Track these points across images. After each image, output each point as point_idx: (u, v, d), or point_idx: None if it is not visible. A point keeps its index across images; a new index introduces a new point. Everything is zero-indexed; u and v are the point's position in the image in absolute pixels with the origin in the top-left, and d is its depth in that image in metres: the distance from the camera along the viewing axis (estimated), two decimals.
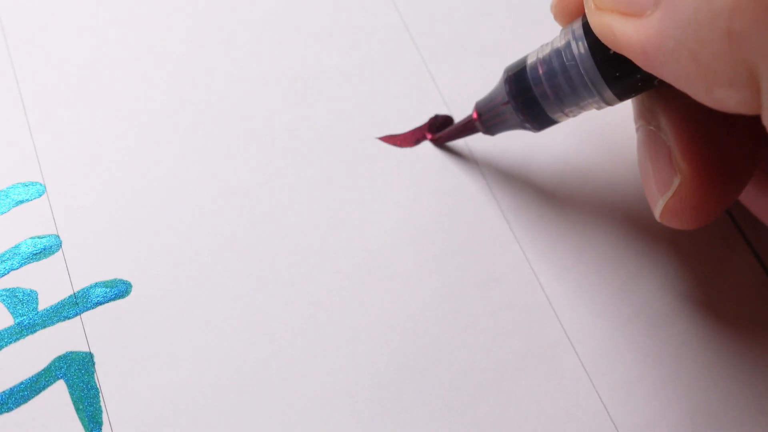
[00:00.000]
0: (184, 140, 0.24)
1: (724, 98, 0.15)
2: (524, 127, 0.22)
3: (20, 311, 0.21)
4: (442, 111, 0.25)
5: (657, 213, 0.20)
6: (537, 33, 0.26)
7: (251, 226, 0.23)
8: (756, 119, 0.15)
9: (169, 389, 0.20)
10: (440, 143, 0.24)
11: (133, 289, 0.22)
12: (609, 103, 0.19)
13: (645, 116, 0.20)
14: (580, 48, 0.19)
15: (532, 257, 0.23)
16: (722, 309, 0.23)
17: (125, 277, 0.22)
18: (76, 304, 0.21)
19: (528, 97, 0.21)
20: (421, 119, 0.25)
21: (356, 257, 0.23)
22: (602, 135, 0.25)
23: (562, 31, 0.20)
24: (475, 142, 0.25)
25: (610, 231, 0.24)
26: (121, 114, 0.24)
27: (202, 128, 0.24)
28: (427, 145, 0.25)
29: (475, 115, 0.23)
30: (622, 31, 0.17)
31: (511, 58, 0.24)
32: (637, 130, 0.21)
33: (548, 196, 0.24)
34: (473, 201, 0.24)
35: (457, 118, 0.25)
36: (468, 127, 0.23)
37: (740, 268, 0.24)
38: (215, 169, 0.23)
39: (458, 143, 0.24)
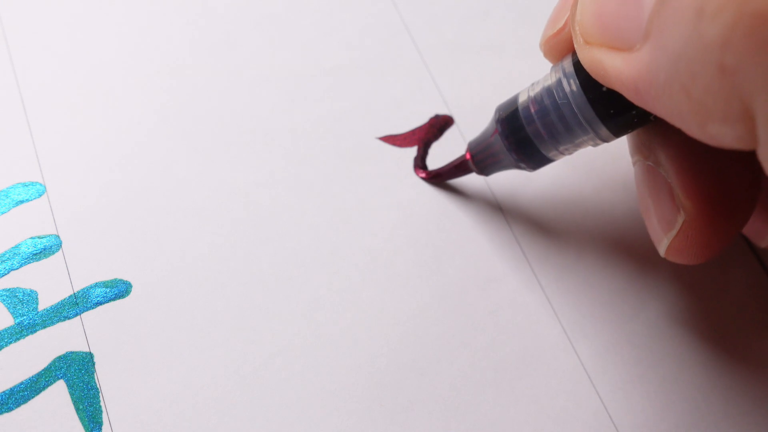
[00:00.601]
0: (184, 140, 0.24)
1: (718, 134, 0.14)
2: (519, 167, 0.21)
3: (20, 311, 0.21)
4: (442, 111, 0.25)
5: (661, 251, 0.20)
6: (537, 33, 0.26)
7: (251, 226, 0.23)
8: (753, 153, 0.14)
9: (169, 389, 0.20)
10: (433, 182, 0.24)
11: (133, 289, 0.22)
12: (605, 140, 0.19)
13: (642, 151, 0.20)
14: (571, 85, 0.18)
15: (532, 257, 0.23)
16: (722, 309, 0.23)
17: (125, 277, 0.22)
18: (76, 304, 0.21)
19: (521, 136, 0.20)
20: (421, 119, 0.25)
21: (356, 257, 0.23)
22: None
23: (552, 68, 0.19)
24: None
25: (610, 231, 0.24)
26: (121, 114, 0.24)
27: (202, 128, 0.24)
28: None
29: (468, 156, 0.22)
30: (612, 66, 0.16)
31: (511, 58, 0.24)
32: (634, 164, 0.21)
33: (548, 197, 0.24)
34: (473, 201, 0.24)
35: (457, 118, 0.25)
36: (461, 168, 0.23)
37: (740, 268, 0.24)
38: (215, 169, 0.23)
39: (458, 143, 0.24)
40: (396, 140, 0.24)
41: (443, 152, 0.24)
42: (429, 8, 0.27)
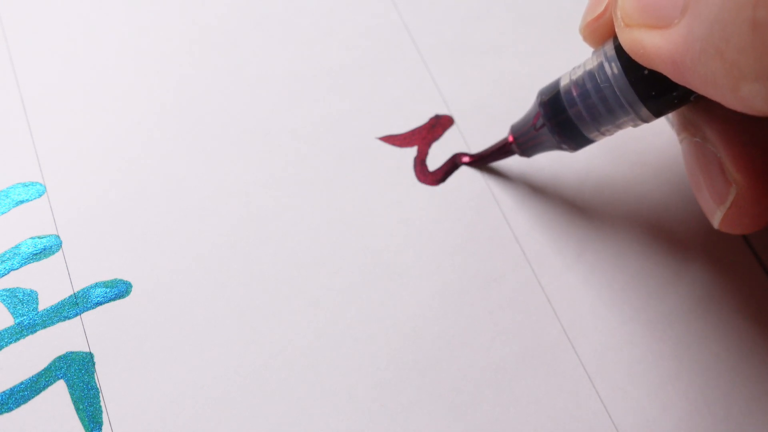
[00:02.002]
0: (184, 140, 0.24)
1: (751, 95, 0.15)
2: (561, 148, 0.22)
3: (20, 311, 0.21)
4: (442, 111, 0.25)
5: (715, 223, 0.20)
6: (537, 33, 0.26)
7: (251, 226, 0.23)
8: None
9: (169, 389, 0.20)
10: (476, 166, 0.24)
11: (133, 289, 0.22)
12: (645, 121, 0.19)
13: (689, 129, 0.20)
14: (613, 69, 0.19)
15: (532, 257, 0.23)
16: (722, 309, 0.23)
17: (125, 277, 0.22)
18: (76, 304, 0.21)
19: (563, 118, 0.21)
20: (422, 119, 0.25)
21: (356, 257, 0.23)
22: None
23: (594, 53, 0.20)
24: (476, 145, 0.25)
25: (610, 231, 0.24)
26: (122, 114, 0.24)
27: (202, 128, 0.24)
28: None
29: (510, 138, 0.23)
30: (651, 43, 0.17)
31: (511, 58, 0.24)
32: (681, 141, 0.21)
33: (548, 196, 0.24)
34: (473, 201, 0.24)
35: (457, 117, 0.25)
36: (504, 150, 0.23)
37: (740, 268, 0.24)
38: (215, 169, 0.23)
39: (458, 143, 0.24)
40: (396, 140, 0.24)
41: (443, 152, 0.24)
42: (429, 8, 0.27)
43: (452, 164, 0.24)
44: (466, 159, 0.24)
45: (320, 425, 0.21)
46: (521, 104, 0.25)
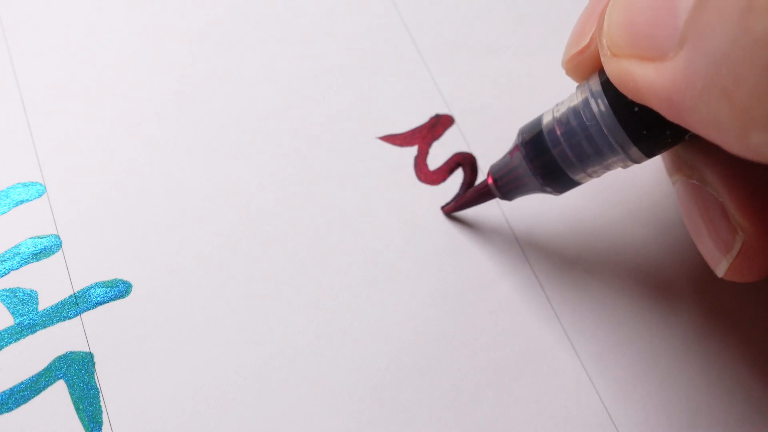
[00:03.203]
0: (184, 140, 0.24)
1: (761, 145, 0.13)
2: (544, 191, 0.20)
3: (20, 311, 0.21)
4: (443, 111, 0.25)
5: (720, 273, 0.19)
6: (537, 33, 0.26)
7: (251, 226, 0.23)
8: None
9: (169, 389, 0.20)
10: (454, 212, 0.23)
11: (133, 289, 0.22)
12: (636, 161, 0.18)
13: (683, 170, 0.19)
14: (600, 105, 0.17)
15: (532, 257, 0.23)
16: (722, 309, 0.23)
17: (125, 277, 0.22)
18: (76, 304, 0.21)
19: (546, 159, 0.19)
20: (422, 119, 0.25)
21: (356, 257, 0.23)
22: None
23: (578, 88, 0.19)
24: (476, 144, 0.25)
25: (610, 231, 0.24)
26: (122, 114, 0.24)
27: (202, 128, 0.24)
28: None
29: (490, 180, 0.21)
30: (644, 77, 0.15)
31: (511, 58, 0.24)
32: (674, 183, 0.19)
33: (549, 196, 0.24)
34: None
35: (457, 117, 0.25)
36: (483, 193, 0.22)
37: None
38: (215, 169, 0.23)
39: (458, 142, 0.24)
40: (396, 140, 0.24)
41: (443, 152, 0.24)
42: (429, 8, 0.27)
43: (454, 164, 0.24)
44: (445, 209, 0.23)
45: (320, 425, 0.21)
46: (521, 104, 0.25)
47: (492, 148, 0.24)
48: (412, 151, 0.24)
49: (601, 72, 0.18)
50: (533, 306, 0.23)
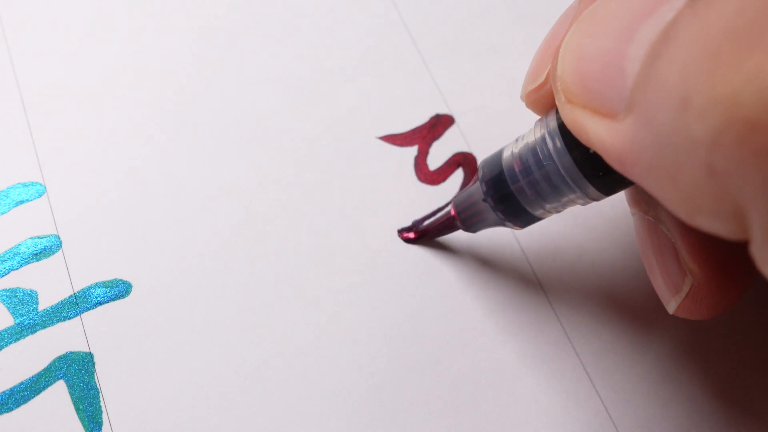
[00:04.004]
0: (184, 140, 0.24)
1: (708, 227, 0.13)
2: (506, 225, 0.20)
3: (20, 311, 0.21)
4: (443, 110, 0.25)
5: (670, 310, 0.19)
6: (537, 33, 0.26)
7: (251, 226, 0.23)
8: None
9: (168, 389, 0.20)
10: (420, 242, 0.23)
11: (133, 289, 0.22)
12: (595, 199, 0.17)
13: (641, 205, 0.19)
14: (556, 143, 0.17)
15: (532, 257, 0.23)
16: None
17: (125, 278, 0.22)
18: (76, 305, 0.21)
19: (505, 194, 0.19)
20: (422, 119, 0.25)
21: (356, 257, 0.23)
22: None
23: (536, 122, 0.18)
24: (476, 144, 0.25)
25: (611, 231, 0.24)
26: (122, 114, 0.24)
27: (202, 128, 0.24)
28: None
29: (453, 212, 0.22)
30: (595, 132, 0.15)
31: (511, 58, 0.23)
32: (633, 214, 0.19)
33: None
34: None
35: (458, 117, 0.25)
36: (447, 225, 0.22)
37: None
38: (215, 169, 0.23)
39: (459, 142, 0.24)
40: (396, 140, 0.24)
41: (444, 152, 0.24)
42: (429, 8, 0.27)
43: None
44: (409, 235, 0.23)
45: (320, 425, 0.21)
46: (521, 104, 0.25)
47: (492, 148, 0.24)
48: (413, 151, 0.24)
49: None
50: (533, 306, 0.23)
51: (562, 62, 0.16)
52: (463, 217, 0.21)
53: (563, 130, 0.17)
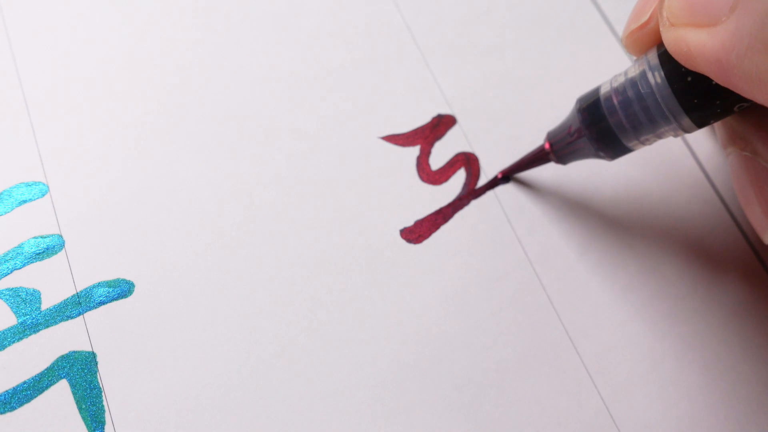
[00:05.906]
0: (186, 140, 0.24)
1: None
2: (598, 156, 0.21)
3: (23, 311, 0.21)
4: (444, 111, 0.25)
5: (766, 240, 0.20)
6: (538, 33, 0.26)
7: (253, 225, 0.23)
8: None
9: (171, 388, 0.21)
10: (510, 175, 0.24)
11: (135, 288, 0.22)
12: (687, 131, 0.19)
13: (737, 142, 0.20)
14: (656, 77, 0.19)
15: (533, 257, 0.23)
16: (722, 309, 0.23)
17: (128, 277, 0.22)
18: (79, 304, 0.21)
19: (603, 126, 0.21)
20: (424, 119, 0.25)
21: (358, 257, 0.23)
22: None
23: (636, 61, 0.20)
24: (478, 144, 0.25)
25: (611, 231, 0.24)
26: (124, 114, 0.24)
27: (204, 128, 0.24)
28: None
29: (547, 145, 0.23)
30: (696, 42, 0.17)
31: (512, 58, 0.23)
32: (728, 155, 0.21)
33: (550, 196, 0.24)
34: (476, 201, 0.24)
35: (459, 117, 0.25)
36: (539, 157, 0.23)
37: (740, 267, 0.24)
38: (217, 169, 0.23)
39: (460, 142, 0.25)
40: (398, 140, 0.24)
41: (446, 152, 0.24)
42: (430, 8, 0.27)
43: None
44: (501, 174, 0.24)
45: (322, 425, 0.21)
46: (523, 103, 0.25)
47: (494, 148, 0.25)
48: (415, 151, 0.24)
49: (659, 46, 0.19)
50: (535, 306, 0.23)
51: None
52: (557, 148, 0.22)
53: (663, 65, 0.19)
